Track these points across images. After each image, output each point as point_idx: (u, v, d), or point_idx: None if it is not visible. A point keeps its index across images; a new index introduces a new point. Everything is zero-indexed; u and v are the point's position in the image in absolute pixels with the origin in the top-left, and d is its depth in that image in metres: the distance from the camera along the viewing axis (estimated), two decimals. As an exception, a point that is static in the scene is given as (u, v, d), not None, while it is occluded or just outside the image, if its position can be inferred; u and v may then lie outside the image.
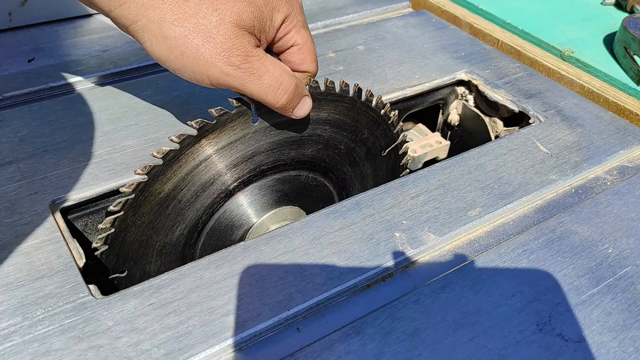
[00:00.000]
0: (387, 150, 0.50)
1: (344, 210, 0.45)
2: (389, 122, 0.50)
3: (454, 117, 0.68)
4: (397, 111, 0.51)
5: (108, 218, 0.40)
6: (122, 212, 0.40)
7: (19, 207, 0.45)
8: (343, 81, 0.47)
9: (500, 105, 0.61)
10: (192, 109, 0.56)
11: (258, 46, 0.41)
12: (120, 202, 0.40)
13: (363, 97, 0.48)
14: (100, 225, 0.41)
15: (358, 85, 0.47)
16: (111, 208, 0.40)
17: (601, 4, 0.79)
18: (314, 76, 0.46)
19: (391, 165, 0.53)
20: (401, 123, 0.52)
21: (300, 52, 0.44)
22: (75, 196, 0.46)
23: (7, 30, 0.70)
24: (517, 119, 0.61)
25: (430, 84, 0.63)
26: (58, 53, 0.66)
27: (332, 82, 0.46)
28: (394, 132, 0.52)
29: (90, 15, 0.74)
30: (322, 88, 0.46)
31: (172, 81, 0.61)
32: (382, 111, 0.50)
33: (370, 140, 0.51)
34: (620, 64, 0.65)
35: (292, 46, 0.44)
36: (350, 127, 0.49)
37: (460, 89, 0.66)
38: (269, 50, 0.44)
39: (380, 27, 0.73)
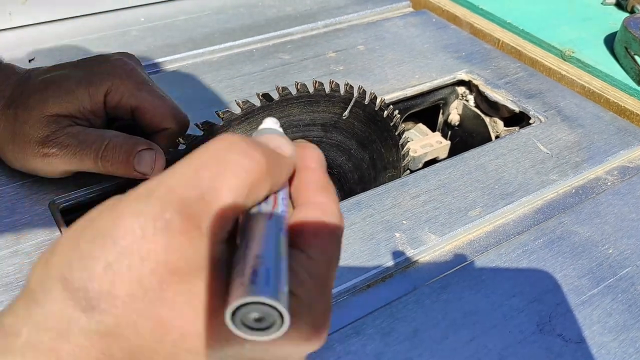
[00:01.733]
0: (348, 110, 0.48)
1: (344, 210, 0.45)
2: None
3: (454, 117, 0.68)
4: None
5: None
6: None
7: (19, 207, 0.44)
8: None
9: (500, 105, 0.61)
10: (192, 108, 0.56)
11: (71, 124, 0.43)
12: None
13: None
14: None
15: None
16: None
17: (602, 3, 0.79)
18: (178, 132, 0.45)
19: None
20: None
21: (144, 114, 0.44)
22: (74, 196, 0.46)
23: (8, 30, 0.69)
24: (517, 119, 0.61)
25: (431, 84, 0.63)
26: (58, 53, 0.66)
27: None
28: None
29: (90, 15, 0.73)
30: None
31: (171, 81, 0.61)
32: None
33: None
34: (620, 64, 0.65)
35: (133, 111, 0.45)
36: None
37: (461, 89, 0.66)
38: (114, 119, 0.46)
39: (380, 27, 0.73)
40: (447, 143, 0.65)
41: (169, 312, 0.20)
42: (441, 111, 0.68)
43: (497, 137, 0.64)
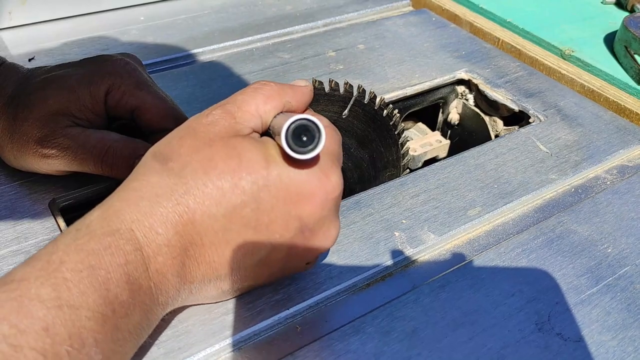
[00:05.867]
0: (347, 109, 0.48)
1: (344, 209, 0.45)
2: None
3: (454, 116, 0.68)
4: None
5: None
6: None
7: (19, 206, 0.45)
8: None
9: (500, 105, 0.61)
10: (193, 108, 0.56)
11: (71, 125, 0.42)
12: None
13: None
14: None
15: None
16: None
17: (602, 2, 0.79)
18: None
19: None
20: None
21: (144, 114, 0.44)
22: (75, 195, 0.46)
23: (8, 29, 0.70)
24: (517, 118, 0.61)
25: (431, 83, 0.63)
26: (58, 52, 0.66)
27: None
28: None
29: (90, 14, 0.74)
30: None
31: (171, 80, 0.61)
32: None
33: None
34: (620, 63, 0.65)
35: (133, 111, 0.44)
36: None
37: (461, 88, 0.66)
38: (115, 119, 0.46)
39: (380, 26, 0.73)
40: (446, 142, 0.65)
41: (211, 155, 0.32)
42: (441, 110, 0.69)
43: (496, 136, 0.64)
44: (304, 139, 0.31)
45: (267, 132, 0.36)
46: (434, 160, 0.65)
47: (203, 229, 0.32)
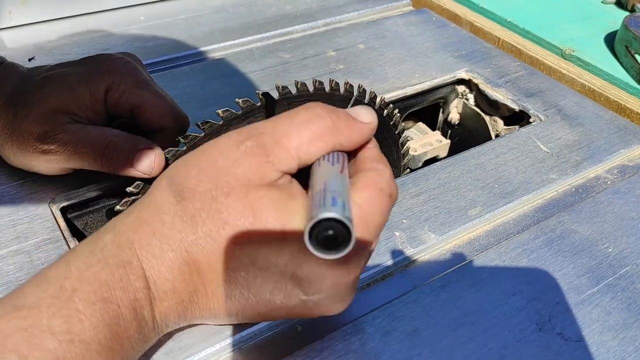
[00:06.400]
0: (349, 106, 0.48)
1: (344, 209, 0.45)
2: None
3: (454, 116, 0.68)
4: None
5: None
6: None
7: (19, 206, 0.45)
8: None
9: (500, 104, 0.61)
10: (193, 107, 0.56)
11: (71, 122, 0.42)
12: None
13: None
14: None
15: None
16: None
17: (602, 2, 0.79)
18: (178, 131, 0.44)
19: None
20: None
21: (144, 112, 0.44)
22: (75, 195, 0.46)
23: (8, 29, 0.70)
24: (517, 118, 0.61)
25: (431, 82, 0.63)
26: (58, 52, 0.66)
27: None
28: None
29: (90, 13, 0.74)
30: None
31: (171, 80, 0.61)
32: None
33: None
34: (621, 63, 0.65)
35: (132, 109, 0.44)
36: None
37: (461, 88, 0.66)
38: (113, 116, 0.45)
39: (380, 26, 0.73)
40: (447, 142, 0.65)
41: (225, 208, 0.29)
42: (441, 110, 0.68)
43: (497, 135, 0.64)
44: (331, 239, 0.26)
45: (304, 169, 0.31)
46: (434, 160, 0.65)
47: (207, 281, 0.31)
